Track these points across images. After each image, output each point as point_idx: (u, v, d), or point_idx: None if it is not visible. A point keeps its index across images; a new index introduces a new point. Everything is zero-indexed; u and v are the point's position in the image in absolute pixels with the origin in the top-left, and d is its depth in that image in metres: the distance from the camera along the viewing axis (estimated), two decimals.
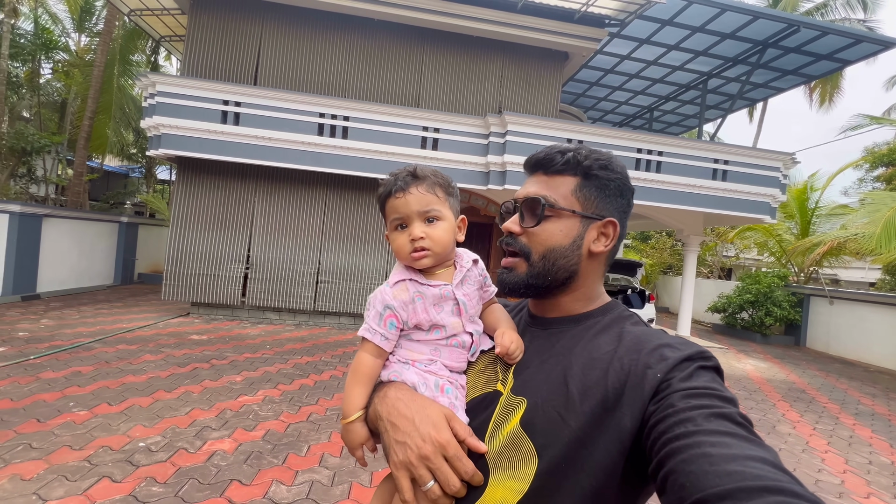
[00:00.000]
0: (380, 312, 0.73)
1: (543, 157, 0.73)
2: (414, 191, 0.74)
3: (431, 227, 0.74)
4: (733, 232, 13.84)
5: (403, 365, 0.74)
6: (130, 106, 13.07)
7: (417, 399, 0.68)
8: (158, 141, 6.64)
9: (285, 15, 7.49)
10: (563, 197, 0.70)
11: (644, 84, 10.61)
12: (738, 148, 7.58)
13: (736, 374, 6.85)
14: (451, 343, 0.75)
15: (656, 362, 0.58)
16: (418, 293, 0.74)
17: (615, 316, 0.71)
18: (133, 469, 2.74)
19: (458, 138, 7.21)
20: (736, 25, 7.70)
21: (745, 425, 0.49)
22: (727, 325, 11.30)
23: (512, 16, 7.43)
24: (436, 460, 0.61)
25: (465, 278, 0.77)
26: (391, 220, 0.76)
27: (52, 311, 6.95)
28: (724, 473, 0.42)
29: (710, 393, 0.53)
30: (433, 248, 0.74)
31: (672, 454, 0.47)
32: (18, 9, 9.47)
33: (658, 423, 0.52)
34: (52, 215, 8.13)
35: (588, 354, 0.65)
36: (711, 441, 0.46)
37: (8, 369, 4.23)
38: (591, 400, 0.59)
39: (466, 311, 0.75)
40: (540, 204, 0.69)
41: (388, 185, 0.76)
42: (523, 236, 0.71)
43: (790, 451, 3.96)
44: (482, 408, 0.70)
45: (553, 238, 0.70)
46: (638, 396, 0.56)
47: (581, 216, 0.70)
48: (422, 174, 0.76)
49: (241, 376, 4.68)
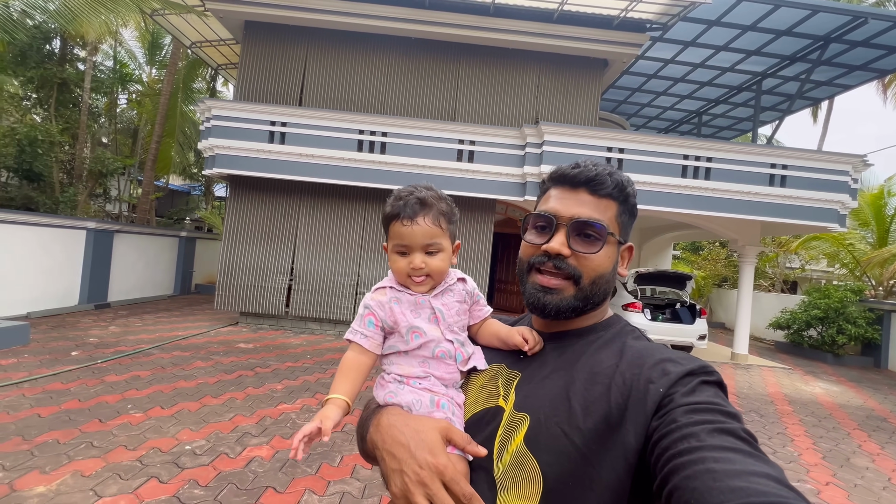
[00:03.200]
0: (361, 314, 0.79)
1: (595, 177, 0.70)
2: (421, 222, 0.77)
3: (431, 258, 0.78)
4: (796, 242, 12.76)
5: (398, 385, 0.76)
6: (192, 130, 14.17)
7: (411, 423, 0.68)
8: (213, 161, 7.14)
9: (327, 38, 7.88)
10: (610, 221, 0.70)
11: (691, 88, 10.13)
12: (798, 151, 7.02)
13: (803, 399, 6.23)
14: (438, 353, 0.76)
15: (658, 377, 0.57)
16: (395, 298, 0.78)
17: (617, 330, 0.71)
18: (178, 471, 2.89)
19: (494, 150, 7.19)
20: (792, 21, 7.20)
21: (750, 441, 0.49)
22: (792, 343, 10.36)
23: (548, 26, 7.38)
24: (433, 486, 0.60)
25: (445, 291, 0.81)
26: (394, 243, 0.79)
27: (119, 319, 7.57)
28: (728, 490, 0.41)
29: (713, 408, 0.52)
30: (431, 275, 0.78)
31: (675, 470, 0.46)
32: (99, 47, 10.62)
33: (661, 439, 0.51)
34: (122, 231, 8.92)
35: (590, 369, 0.64)
36: (715, 457, 0.45)
37: (78, 372, 4.64)
38: (595, 416, 0.59)
39: (444, 319, 0.78)
40: (604, 232, 0.68)
41: (395, 208, 0.78)
42: (572, 258, 0.69)
43: (867, 488, 3.52)
44: (484, 423, 0.70)
45: (603, 265, 0.69)
46: (641, 412, 0.56)
47: (618, 242, 0.72)
48: (429, 201, 0.78)
49: (281, 384, 4.85)
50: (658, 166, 6.92)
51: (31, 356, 5.03)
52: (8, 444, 3.04)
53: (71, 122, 9.67)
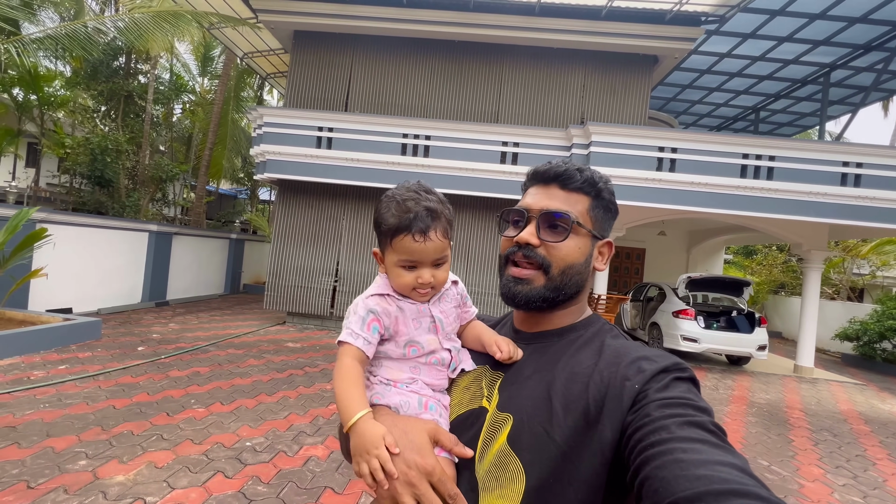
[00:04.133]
0: (363, 317, 0.73)
1: (563, 172, 0.74)
2: (434, 237, 0.73)
3: (438, 270, 0.76)
4: (867, 246, 11.75)
5: (385, 387, 0.74)
6: (240, 136, 14.87)
7: (399, 423, 0.67)
8: (264, 166, 7.43)
9: (373, 44, 8.03)
10: (581, 214, 0.72)
11: (748, 83, 9.56)
12: (874, 148, 6.45)
13: (881, 418, 5.70)
14: (431, 361, 0.76)
15: (634, 374, 0.60)
16: (399, 308, 0.76)
17: (596, 329, 0.73)
18: (242, 467, 2.99)
19: (538, 151, 7.07)
20: (868, 7, 6.63)
21: (717, 433, 0.51)
22: (862, 356, 9.53)
23: (595, 23, 7.18)
24: (421, 486, 0.61)
25: (442, 297, 0.80)
26: (400, 259, 0.74)
27: (178, 317, 8.01)
28: (694, 478, 0.44)
29: (684, 402, 0.54)
30: (437, 287, 0.77)
31: (647, 461, 0.49)
32: (159, 60, 11.35)
33: (635, 433, 0.53)
34: (180, 233, 9.45)
35: (570, 369, 0.66)
36: (683, 447, 0.48)
37: (145, 367, 4.93)
38: (574, 414, 0.60)
39: (443, 328, 0.78)
40: (569, 220, 0.71)
41: (404, 220, 0.72)
42: (541, 248, 0.71)
43: None
44: (468, 424, 0.71)
45: (572, 255, 0.72)
46: (617, 408, 0.58)
47: (592, 235, 0.73)
48: (437, 210, 0.74)
49: (331, 385, 4.94)
50: (715, 166, 6.56)
51: (103, 350, 5.40)
52: (89, 433, 3.26)
53: (135, 132, 10.36)
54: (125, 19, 5.97)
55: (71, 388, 4.10)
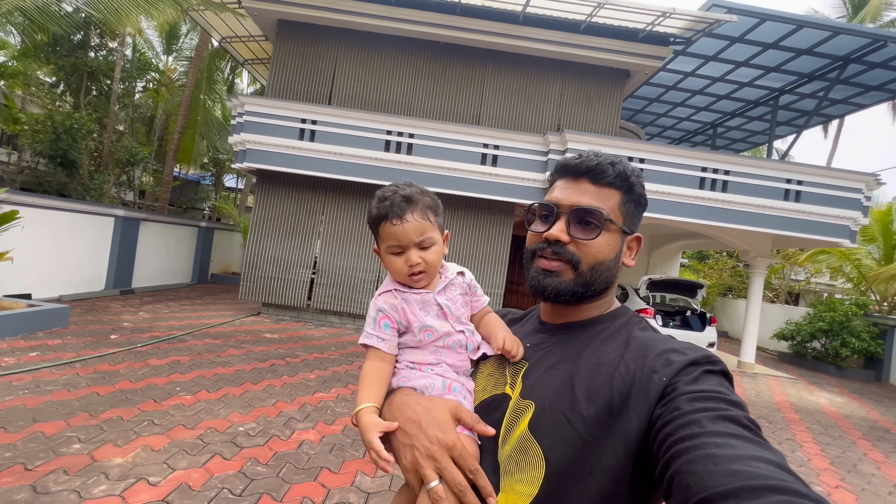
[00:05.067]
0: (374, 317, 0.79)
1: (596, 166, 0.72)
2: (410, 219, 0.78)
3: (426, 252, 0.80)
4: (803, 255, 12.95)
5: (411, 370, 0.78)
6: (211, 122, 14.37)
7: (423, 402, 0.70)
8: (244, 155, 7.34)
9: (358, 40, 8.07)
10: (612, 210, 0.71)
11: (708, 100, 10.32)
12: (814, 168, 7.22)
13: (808, 408, 6.44)
14: (448, 343, 0.79)
15: (662, 367, 0.59)
16: (404, 300, 0.80)
17: (624, 321, 0.72)
18: (238, 450, 3.11)
19: (517, 155, 7.39)
20: (814, 41, 7.39)
21: (752, 428, 0.49)
22: (796, 354, 10.57)
23: (575, 36, 7.57)
24: (442, 460, 0.63)
25: (448, 286, 0.83)
26: (387, 245, 0.80)
27: (146, 305, 7.78)
28: (728, 473, 0.43)
29: (716, 396, 0.53)
30: (428, 270, 0.80)
31: (677, 455, 0.48)
32: (126, 39, 10.81)
33: (664, 426, 0.52)
34: (147, 219, 9.13)
35: (595, 360, 0.66)
36: (716, 442, 0.46)
37: (122, 355, 4.85)
38: (597, 404, 0.60)
39: (451, 313, 0.81)
40: (602, 218, 0.70)
41: (382, 209, 0.79)
42: (571, 245, 0.71)
43: (874, 493, 3.74)
44: (491, 410, 0.72)
45: (603, 252, 0.70)
46: (644, 400, 0.57)
47: (622, 231, 0.72)
48: (414, 197, 0.79)
49: (314, 374, 5.06)
50: (677, 177, 7.12)
51: (73, 338, 5.25)
52: (77, 418, 3.26)
53: (99, 111, 9.86)
54: None
55: (47, 374, 4.02)
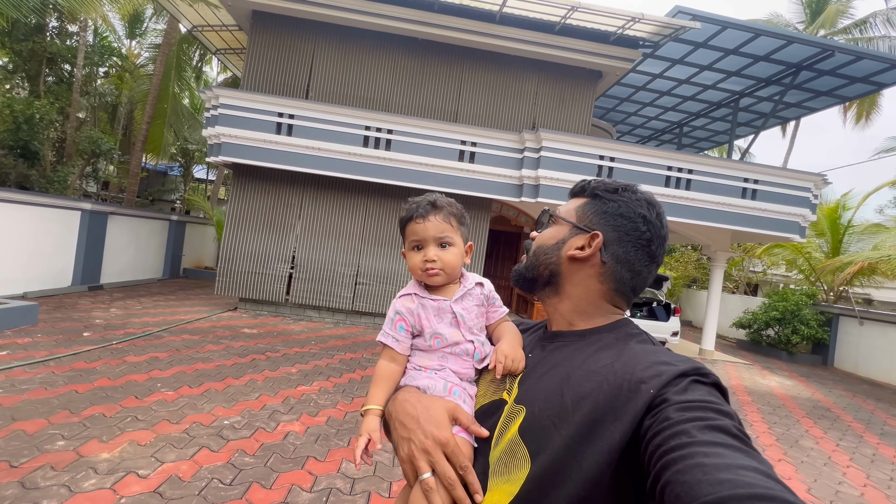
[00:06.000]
0: (391, 318, 0.87)
1: (575, 186, 0.86)
2: (432, 219, 0.86)
3: (444, 251, 0.86)
4: (761, 248, 13.77)
5: (416, 371, 0.85)
6: (181, 112, 13.91)
7: (423, 400, 0.77)
8: (219, 149, 7.23)
9: (336, 34, 8.03)
10: (567, 211, 0.81)
11: (675, 101, 10.78)
12: (768, 168, 7.73)
13: (760, 390, 6.98)
14: (455, 351, 0.84)
15: (650, 378, 0.59)
16: (420, 305, 0.86)
17: (622, 333, 0.74)
18: (225, 442, 3.19)
19: (493, 152, 7.58)
20: (770, 48, 7.86)
21: (741, 437, 0.50)
22: (752, 341, 11.31)
23: (549, 37, 7.78)
24: (435, 454, 0.68)
25: (465, 295, 0.88)
26: (409, 241, 0.88)
27: (117, 301, 7.60)
28: (716, 482, 0.43)
29: (705, 406, 0.53)
30: (444, 268, 0.86)
31: (667, 466, 0.48)
32: (88, 23, 10.31)
33: (654, 437, 0.53)
34: (116, 213, 8.85)
35: (587, 367, 0.68)
36: (705, 451, 0.47)
37: (97, 352, 4.79)
38: (583, 410, 0.61)
39: (464, 322, 0.85)
40: (547, 214, 0.84)
41: (410, 211, 0.88)
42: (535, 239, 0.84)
43: (811, 464, 4.17)
44: (489, 415, 0.76)
45: (542, 238, 0.82)
46: (630, 410, 0.57)
47: (572, 225, 0.78)
48: (440, 204, 0.89)
49: (295, 368, 5.14)
50: (644, 175, 7.48)
51: (44, 336, 5.13)
52: (58, 416, 3.26)
53: (60, 99, 9.43)
54: None
55: (21, 373, 3.96)
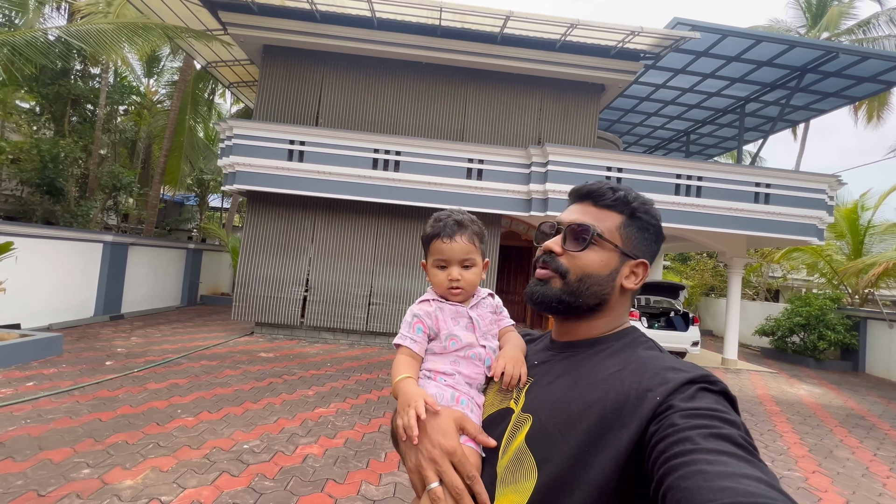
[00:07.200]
0: (409, 322, 0.89)
1: (596, 190, 0.78)
2: (459, 240, 0.89)
3: (467, 271, 0.90)
4: (779, 253, 13.49)
5: (426, 379, 0.85)
6: (197, 143, 14.43)
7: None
8: (234, 177, 7.46)
9: (343, 62, 8.31)
10: (609, 230, 0.75)
11: (680, 110, 10.82)
12: (780, 171, 7.65)
13: (789, 400, 6.74)
14: (468, 355, 0.86)
15: (657, 385, 0.59)
16: (439, 308, 0.90)
17: (629, 341, 0.74)
18: (244, 466, 3.20)
19: (501, 168, 7.67)
20: (772, 54, 7.89)
21: (747, 447, 0.50)
22: (777, 349, 10.96)
23: (551, 54, 7.94)
24: (443, 464, 0.68)
25: (479, 304, 0.93)
26: (434, 259, 0.91)
27: (137, 330, 7.76)
28: (718, 489, 0.43)
29: (711, 414, 0.53)
30: (466, 287, 0.90)
31: (669, 472, 0.48)
32: (109, 65, 10.86)
33: (658, 443, 0.53)
34: (136, 244, 9.12)
35: (594, 375, 0.68)
36: (708, 459, 0.47)
37: (119, 380, 4.89)
38: (590, 418, 0.61)
39: (479, 327, 0.88)
40: (589, 231, 0.74)
41: (436, 228, 0.90)
42: (563, 257, 0.75)
43: (848, 476, 3.99)
44: (496, 424, 0.76)
45: (592, 265, 0.74)
46: (636, 416, 0.57)
47: (620, 252, 0.75)
48: (465, 223, 0.91)
49: (311, 391, 5.15)
50: (653, 184, 7.47)
51: (68, 366, 5.25)
52: (83, 444, 3.32)
53: (83, 137, 9.88)
54: (92, 30, 5.88)
55: (47, 403, 4.05)
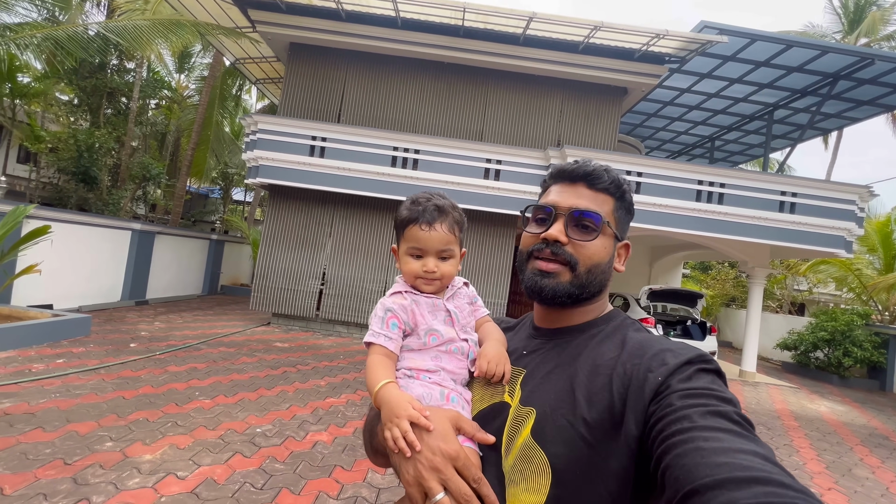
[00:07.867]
0: (381, 317, 0.78)
1: (592, 171, 0.75)
2: (438, 228, 0.80)
3: (444, 263, 0.82)
4: (805, 265, 13.07)
5: (409, 379, 0.77)
6: (222, 138, 14.87)
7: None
8: (257, 171, 7.67)
9: (366, 61, 8.45)
10: (606, 214, 0.74)
11: (705, 115, 10.60)
12: (807, 180, 7.43)
13: (808, 416, 6.54)
14: (451, 349, 0.79)
15: (657, 366, 0.60)
16: (414, 301, 0.81)
17: (617, 323, 0.74)
18: (257, 449, 3.31)
19: (518, 169, 7.66)
20: (803, 59, 7.66)
21: (741, 423, 0.51)
22: (799, 363, 10.62)
23: (574, 56, 7.90)
24: (446, 471, 0.61)
25: (455, 294, 0.86)
26: (409, 246, 0.81)
27: (161, 316, 8.05)
28: (715, 465, 0.44)
29: (707, 393, 0.54)
30: (442, 279, 0.82)
31: (668, 450, 0.49)
32: (143, 60, 11.30)
33: (657, 423, 0.53)
34: (162, 233, 9.45)
35: (593, 362, 0.66)
36: (705, 436, 0.48)
37: (142, 362, 5.09)
38: (598, 407, 0.61)
39: (458, 320, 0.82)
40: (600, 220, 0.72)
41: (413, 212, 0.81)
42: (569, 246, 0.72)
43: (867, 495, 3.86)
44: (491, 419, 0.72)
45: (599, 254, 0.72)
46: (639, 400, 0.58)
47: (615, 236, 0.75)
48: (446, 209, 0.82)
49: (324, 381, 5.27)
50: (674, 190, 7.35)
51: (95, 346, 5.50)
52: (107, 419, 3.49)
53: (117, 129, 10.30)
54: (129, 25, 6.14)
55: (75, 379, 4.26)
